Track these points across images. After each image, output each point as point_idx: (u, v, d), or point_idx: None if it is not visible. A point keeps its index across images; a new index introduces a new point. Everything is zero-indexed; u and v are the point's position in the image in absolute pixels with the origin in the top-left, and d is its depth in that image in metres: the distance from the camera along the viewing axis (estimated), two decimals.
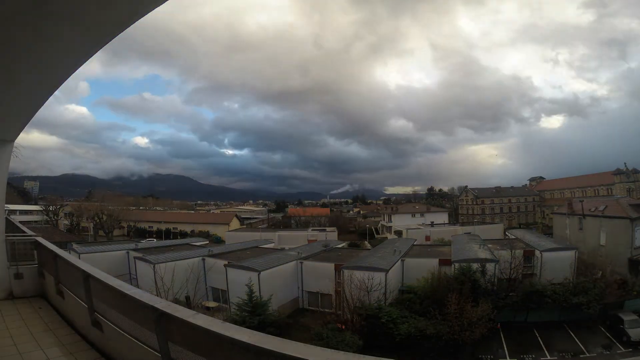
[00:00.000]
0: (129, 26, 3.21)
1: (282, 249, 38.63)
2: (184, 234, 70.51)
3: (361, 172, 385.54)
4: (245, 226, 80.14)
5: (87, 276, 4.73)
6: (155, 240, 59.65)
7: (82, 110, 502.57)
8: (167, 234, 71.91)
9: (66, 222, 72.47)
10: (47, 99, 4.94)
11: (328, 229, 64.77)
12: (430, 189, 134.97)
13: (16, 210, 62.37)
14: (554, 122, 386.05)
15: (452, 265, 26.48)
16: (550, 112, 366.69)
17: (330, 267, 28.81)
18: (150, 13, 3.08)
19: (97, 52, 3.64)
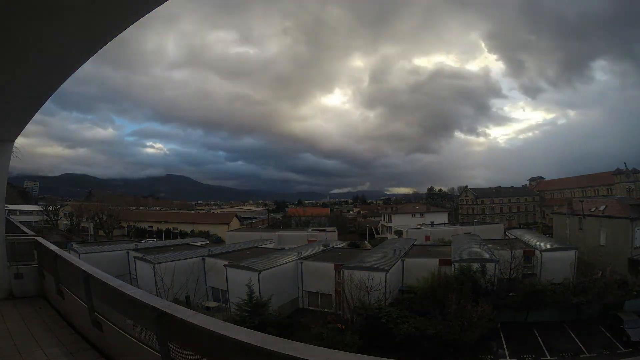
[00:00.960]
0: (129, 26, 3.21)
1: (282, 249, 38.65)
2: (184, 234, 70.48)
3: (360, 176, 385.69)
4: (245, 226, 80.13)
5: (87, 276, 4.73)
6: (155, 240, 59.67)
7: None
8: (167, 234, 71.92)
9: (66, 222, 72.46)
10: (47, 99, 4.95)
11: (328, 229, 64.75)
12: (430, 189, 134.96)
13: (16, 210, 62.37)
14: None
15: (452, 265, 26.49)
16: None
17: (330, 267, 28.82)
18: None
19: (97, 52, 3.64)
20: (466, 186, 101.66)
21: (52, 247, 6.83)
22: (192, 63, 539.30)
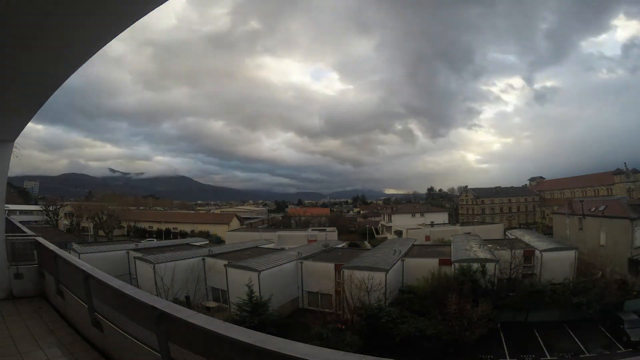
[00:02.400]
0: (129, 26, 3.20)
1: (282, 249, 38.60)
2: (184, 234, 70.45)
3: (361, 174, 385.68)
4: (245, 226, 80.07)
5: (87, 276, 4.73)
6: (155, 240, 59.62)
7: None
8: (167, 234, 71.89)
9: (66, 222, 72.47)
10: (48, 99, 4.95)
11: (328, 229, 64.65)
12: (430, 189, 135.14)
13: (16, 210, 62.39)
14: None
15: (452, 265, 26.47)
16: None
17: (330, 267, 28.79)
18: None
19: (97, 51, 3.64)
20: (466, 186, 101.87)
21: (52, 247, 6.84)
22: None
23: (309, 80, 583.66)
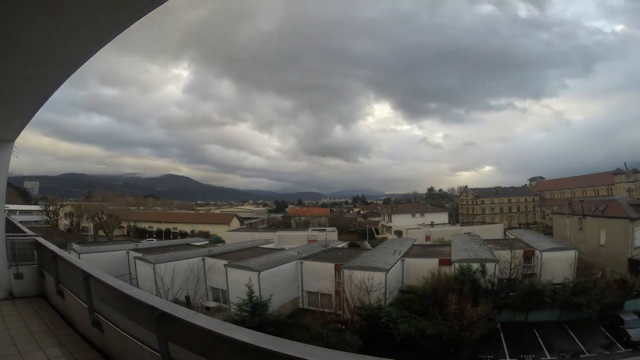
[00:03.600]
0: (129, 26, 3.20)
1: (282, 249, 38.60)
2: (184, 234, 70.48)
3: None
4: (245, 226, 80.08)
5: (87, 276, 4.73)
6: (155, 240, 59.63)
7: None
8: (167, 234, 71.87)
9: (66, 222, 72.45)
10: (48, 99, 4.94)
11: (328, 229, 64.65)
12: (430, 189, 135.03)
13: (16, 210, 62.38)
14: None
15: (452, 265, 26.47)
16: None
17: (330, 267, 28.78)
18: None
19: (97, 51, 3.64)
20: (466, 186, 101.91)
21: (52, 247, 6.84)
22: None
23: None
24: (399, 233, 60.27)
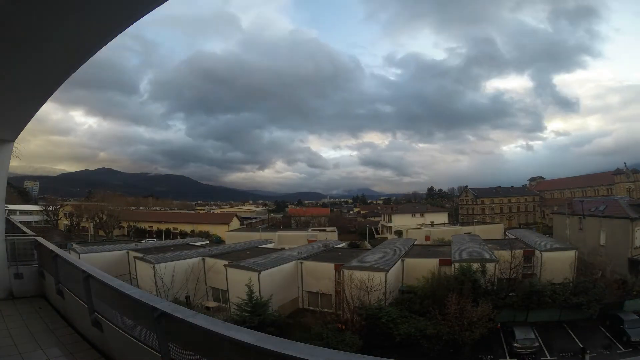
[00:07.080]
0: (129, 26, 3.20)
1: (282, 249, 38.60)
2: (184, 234, 70.48)
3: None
4: (245, 226, 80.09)
5: (87, 276, 4.73)
6: (155, 240, 59.63)
7: None
8: (167, 234, 71.88)
9: (66, 222, 72.52)
10: (48, 99, 4.94)
11: (328, 229, 64.64)
12: (430, 189, 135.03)
13: (16, 210, 62.37)
14: None
15: (452, 265, 26.45)
16: None
17: (330, 267, 28.77)
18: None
19: (97, 51, 3.63)
20: (466, 186, 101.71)
21: (52, 247, 6.84)
22: None
23: None
24: (399, 233, 60.27)
